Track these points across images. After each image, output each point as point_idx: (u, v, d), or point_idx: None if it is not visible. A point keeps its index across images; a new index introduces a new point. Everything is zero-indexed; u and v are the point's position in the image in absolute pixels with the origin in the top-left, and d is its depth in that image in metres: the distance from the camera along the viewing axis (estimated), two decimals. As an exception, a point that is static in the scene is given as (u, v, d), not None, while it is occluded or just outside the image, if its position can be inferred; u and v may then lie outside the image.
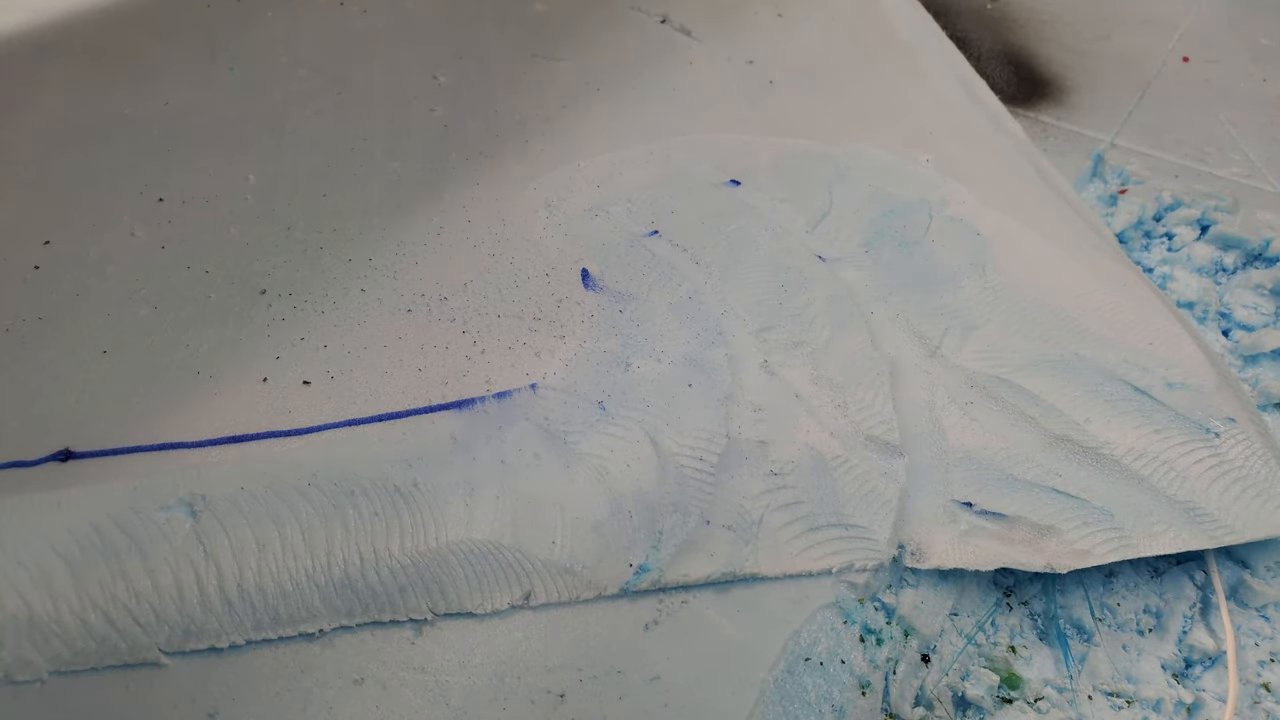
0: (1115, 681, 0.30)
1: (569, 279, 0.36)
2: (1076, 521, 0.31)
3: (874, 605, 0.30)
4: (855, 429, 0.33)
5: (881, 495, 0.31)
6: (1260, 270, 0.44)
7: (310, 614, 0.26)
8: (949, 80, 0.53)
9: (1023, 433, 0.34)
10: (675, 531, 0.29)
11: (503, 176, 0.42)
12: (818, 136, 0.47)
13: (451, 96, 0.46)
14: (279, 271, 0.35)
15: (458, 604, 0.27)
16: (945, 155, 0.47)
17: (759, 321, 0.36)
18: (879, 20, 0.57)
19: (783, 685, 0.27)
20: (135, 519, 0.26)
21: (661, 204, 0.41)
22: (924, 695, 0.29)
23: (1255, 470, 0.33)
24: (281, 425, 0.29)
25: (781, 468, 0.31)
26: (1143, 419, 0.34)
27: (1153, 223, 0.47)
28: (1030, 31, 0.62)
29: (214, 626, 0.25)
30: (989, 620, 0.31)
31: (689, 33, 0.53)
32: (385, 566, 0.26)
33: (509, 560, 0.27)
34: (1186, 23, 0.64)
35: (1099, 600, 0.32)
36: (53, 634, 0.24)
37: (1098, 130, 0.53)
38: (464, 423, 0.30)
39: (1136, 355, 0.36)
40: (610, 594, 0.28)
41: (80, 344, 0.31)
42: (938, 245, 0.41)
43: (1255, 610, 0.33)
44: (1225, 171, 0.51)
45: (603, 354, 0.33)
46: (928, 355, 0.36)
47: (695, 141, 0.45)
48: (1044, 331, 0.37)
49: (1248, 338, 0.41)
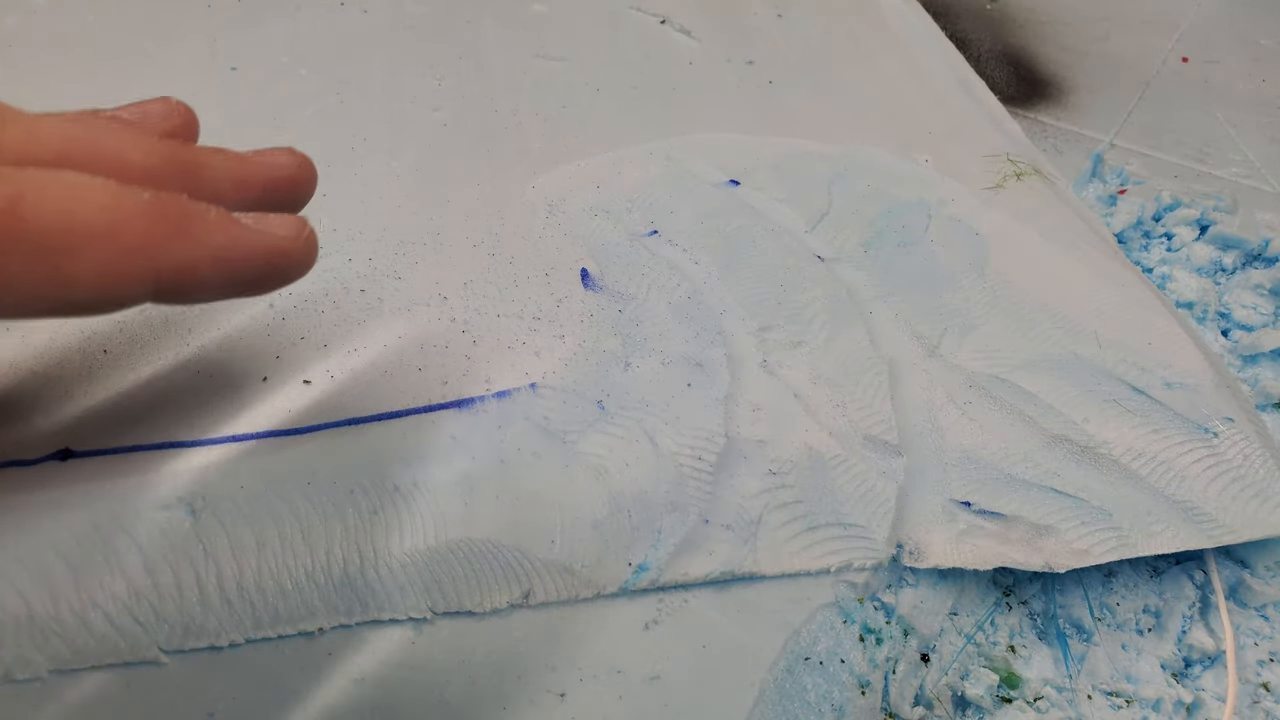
0: (1114, 681, 0.30)
1: (569, 279, 0.36)
2: (1075, 521, 0.31)
3: (874, 605, 0.30)
4: (854, 428, 0.33)
5: (880, 494, 0.31)
6: (1260, 270, 0.44)
7: (310, 613, 0.25)
8: (948, 80, 0.53)
9: (1021, 432, 0.34)
10: (674, 530, 0.29)
11: (503, 176, 0.41)
12: (817, 136, 0.47)
13: (451, 96, 0.46)
14: (279, 271, 0.35)
15: (457, 603, 0.27)
16: (945, 155, 0.47)
17: (758, 321, 0.36)
18: (879, 20, 0.57)
19: (782, 685, 0.27)
20: (135, 518, 0.26)
21: (661, 204, 0.41)
22: (924, 695, 0.29)
23: (1254, 470, 0.33)
24: (281, 425, 0.29)
25: (780, 467, 0.31)
26: (1141, 419, 0.34)
27: (1152, 223, 0.47)
28: (1030, 32, 0.62)
29: (214, 625, 0.25)
30: (988, 620, 0.31)
31: (689, 33, 0.53)
32: (385, 565, 0.26)
33: (508, 559, 0.27)
34: (1186, 23, 0.64)
35: (1098, 600, 0.32)
36: (52, 632, 0.23)
37: (1097, 130, 0.53)
38: (464, 422, 0.30)
39: (1135, 355, 0.36)
40: (609, 593, 0.28)
41: (80, 343, 0.31)
42: (937, 245, 0.41)
43: (1254, 610, 0.33)
44: (1225, 172, 0.51)
45: (602, 353, 0.33)
46: (927, 355, 0.36)
47: (695, 141, 0.45)
48: (1043, 331, 0.37)
49: (1247, 338, 0.41)
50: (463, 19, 0.52)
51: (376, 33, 0.49)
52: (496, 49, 0.50)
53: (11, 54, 0.44)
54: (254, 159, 0.21)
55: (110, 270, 0.16)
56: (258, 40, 0.47)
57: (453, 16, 0.52)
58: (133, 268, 0.17)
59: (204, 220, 0.18)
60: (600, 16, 0.54)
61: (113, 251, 0.16)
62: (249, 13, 0.49)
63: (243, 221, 0.19)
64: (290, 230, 0.20)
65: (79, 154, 0.17)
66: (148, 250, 0.17)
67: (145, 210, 0.17)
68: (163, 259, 0.17)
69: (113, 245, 0.16)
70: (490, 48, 0.50)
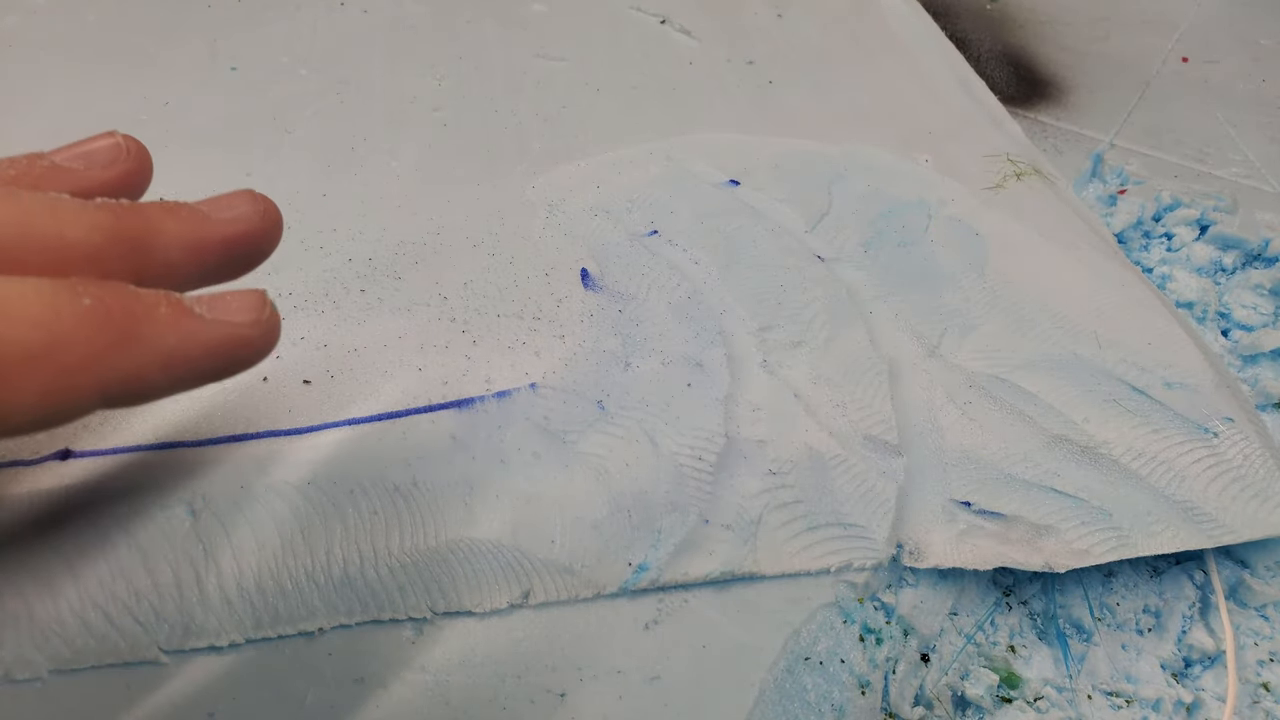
0: (1114, 681, 0.30)
1: (569, 279, 0.36)
2: (1075, 521, 0.31)
3: (874, 605, 0.30)
4: (854, 428, 0.33)
5: (880, 494, 0.31)
6: (1260, 270, 0.44)
7: (310, 613, 0.25)
8: (948, 80, 0.53)
9: (1021, 432, 0.34)
10: (674, 530, 0.29)
11: (503, 176, 0.41)
12: (817, 136, 0.46)
13: (451, 96, 0.46)
14: (279, 271, 0.35)
15: (457, 603, 0.27)
16: (945, 155, 0.47)
17: (758, 321, 0.36)
18: (879, 20, 0.57)
19: (782, 685, 0.27)
20: (135, 518, 0.26)
21: (661, 204, 0.41)
22: (924, 695, 0.29)
23: (1254, 470, 0.33)
24: (281, 425, 0.29)
25: (780, 467, 0.31)
26: (1141, 418, 0.34)
27: (1152, 223, 0.47)
28: (1030, 32, 0.62)
29: (214, 625, 0.25)
30: (988, 620, 0.31)
31: (689, 33, 0.53)
32: (385, 565, 0.26)
33: (508, 559, 0.27)
34: (1186, 23, 0.64)
35: (1098, 600, 0.32)
36: (53, 632, 0.23)
37: (1097, 130, 0.53)
38: (464, 422, 0.30)
39: (1135, 355, 0.36)
40: (609, 593, 0.28)
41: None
42: (937, 245, 0.41)
43: (1254, 610, 0.33)
44: (1225, 172, 0.51)
45: (602, 353, 0.33)
46: (926, 355, 0.36)
47: (695, 141, 0.45)
48: (1043, 331, 0.37)
49: (1247, 338, 0.41)
50: (463, 19, 0.52)
51: (376, 33, 0.49)
52: (496, 49, 0.50)
53: (11, 54, 0.44)
54: (211, 216, 0.19)
55: (50, 393, 0.14)
56: (258, 40, 0.47)
57: (453, 16, 0.52)
58: (75, 386, 0.14)
59: (153, 319, 0.15)
60: (600, 16, 0.54)
61: (52, 372, 0.14)
62: (249, 13, 0.49)
63: (196, 312, 0.16)
64: (249, 314, 0.17)
65: (6, 241, 0.15)
66: (91, 365, 0.14)
67: (87, 318, 0.14)
68: (108, 372, 0.15)
69: (52, 365, 0.14)
70: (490, 48, 0.50)
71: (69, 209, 0.16)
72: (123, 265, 0.16)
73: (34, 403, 0.14)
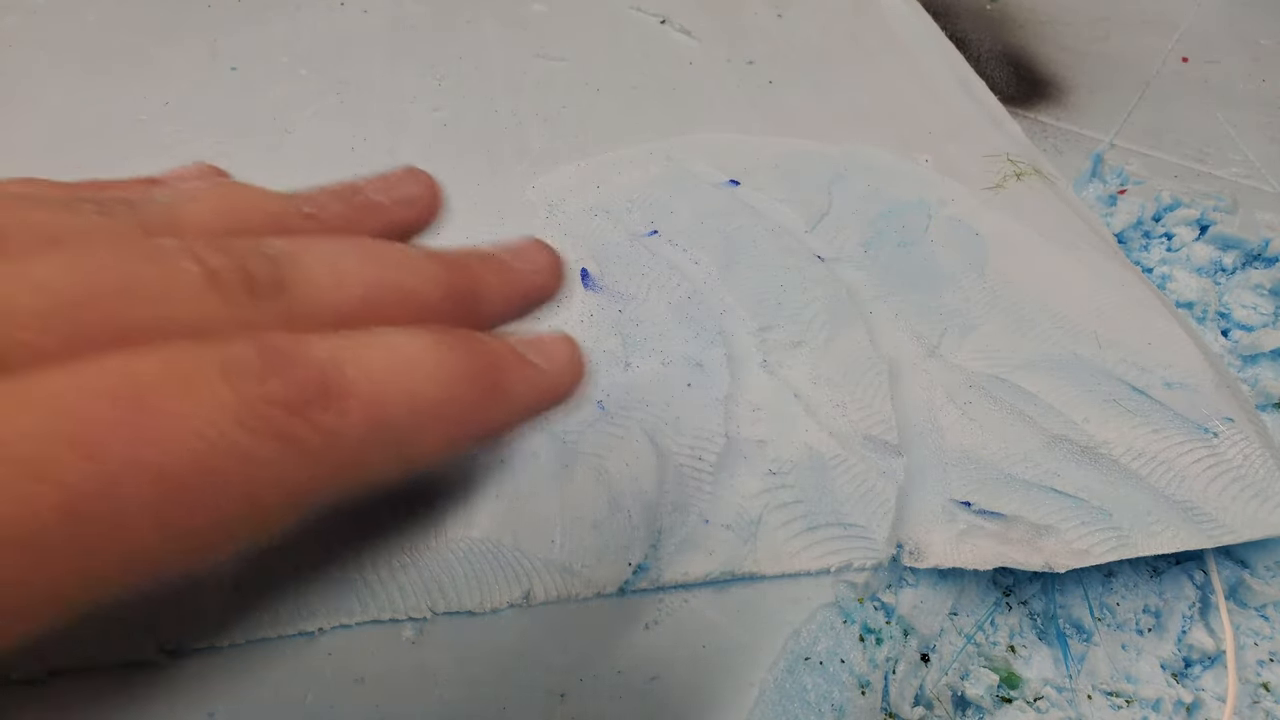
0: (1114, 681, 0.30)
1: (569, 279, 0.36)
2: (1075, 521, 0.31)
3: (874, 605, 0.30)
4: (854, 428, 0.33)
5: (880, 494, 0.31)
6: (1260, 270, 0.44)
7: (310, 613, 0.25)
8: (948, 80, 0.53)
9: (1021, 432, 0.34)
10: (674, 530, 0.29)
11: (503, 177, 0.41)
12: (817, 136, 0.47)
13: (451, 96, 0.46)
14: (279, 271, 0.35)
15: (457, 603, 0.27)
16: (945, 155, 0.47)
17: (758, 321, 0.36)
18: (879, 20, 0.57)
19: (782, 685, 0.27)
20: (135, 518, 0.26)
21: (661, 204, 0.41)
22: (924, 695, 0.29)
23: (1254, 470, 0.33)
24: (281, 425, 0.29)
25: (780, 467, 0.31)
26: (1141, 419, 0.34)
27: (1152, 223, 0.47)
28: (1030, 32, 0.62)
29: (214, 625, 0.25)
30: (988, 620, 0.31)
31: (689, 33, 0.53)
32: (385, 565, 0.26)
33: (508, 559, 0.27)
34: (1186, 23, 0.64)
35: (1098, 600, 0.32)
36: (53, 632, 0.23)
37: (1097, 130, 0.53)
38: (464, 422, 0.30)
39: (1135, 355, 0.36)
40: (609, 593, 0.28)
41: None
42: (937, 245, 0.41)
43: (1254, 610, 0.33)
44: (1225, 172, 0.51)
45: (602, 353, 0.33)
46: (926, 355, 0.36)
47: (695, 141, 0.45)
48: (1043, 331, 0.37)
49: (1247, 338, 0.41)
50: (463, 19, 0.52)
51: (376, 33, 0.49)
52: (496, 49, 0.50)
53: (11, 54, 0.44)
54: (515, 266, 0.18)
55: (443, 447, 0.13)
56: (258, 40, 0.47)
57: (453, 16, 0.52)
58: (460, 439, 0.14)
59: (509, 372, 0.15)
60: (600, 16, 0.54)
61: (446, 425, 0.13)
62: (249, 13, 0.49)
63: (532, 360, 0.15)
64: (575, 364, 0.16)
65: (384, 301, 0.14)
66: (471, 419, 0.14)
67: (465, 372, 0.14)
68: (480, 428, 0.14)
69: (445, 419, 0.13)
70: (490, 48, 0.50)
71: (415, 260, 0.15)
72: (454, 320, 0.15)
73: (429, 458, 0.13)
